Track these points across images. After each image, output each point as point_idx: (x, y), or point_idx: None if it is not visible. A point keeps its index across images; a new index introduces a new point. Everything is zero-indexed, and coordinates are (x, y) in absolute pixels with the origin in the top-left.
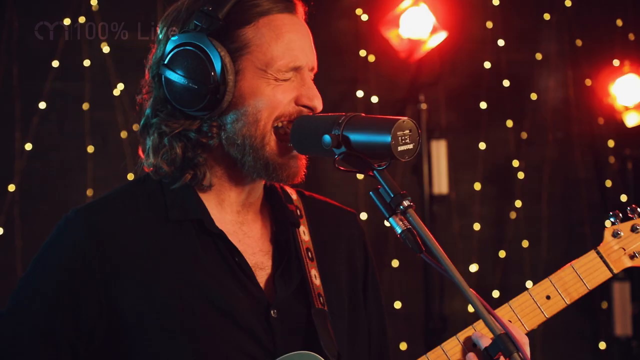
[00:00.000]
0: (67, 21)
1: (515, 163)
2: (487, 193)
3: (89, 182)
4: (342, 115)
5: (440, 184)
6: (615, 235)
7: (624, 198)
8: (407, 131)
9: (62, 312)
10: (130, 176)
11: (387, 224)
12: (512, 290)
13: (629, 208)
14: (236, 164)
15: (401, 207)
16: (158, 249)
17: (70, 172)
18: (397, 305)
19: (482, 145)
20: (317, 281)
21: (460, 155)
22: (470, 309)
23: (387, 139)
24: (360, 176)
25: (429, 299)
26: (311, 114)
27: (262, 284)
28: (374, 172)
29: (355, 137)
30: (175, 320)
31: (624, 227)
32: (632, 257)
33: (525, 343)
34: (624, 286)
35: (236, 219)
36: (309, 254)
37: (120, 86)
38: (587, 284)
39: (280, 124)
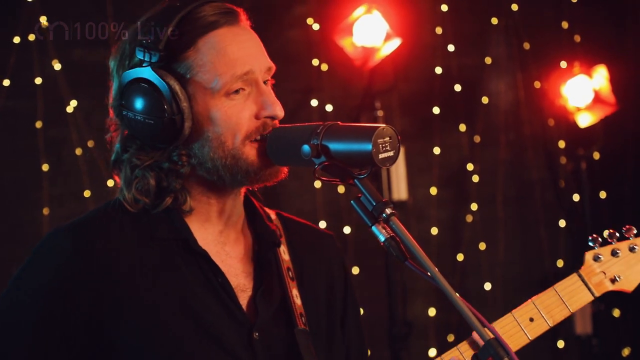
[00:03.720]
0: (16, 39)
1: (470, 166)
2: (443, 197)
3: (45, 200)
4: (320, 125)
5: (400, 190)
6: (596, 259)
7: (576, 197)
8: (388, 138)
9: (47, 335)
10: (87, 193)
11: (346, 230)
12: (471, 292)
13: (607, 233)
14: (214, 183)
15: (384, 215)
16: (143, 268)
17: (25, 191)
18: (360, 311)
19: (437, 150)
20: (298, 301)
21: (415, 161)
22: (431, 313)
23: (368, 147)
24: (318, 185)
25: (392, 305)
26: (275, 122)
27: (244, 306)
28: (355, 180)
29: (335, 146)
30: (160, 343)
31: (605, 251)
32: (613, 280)
33: None
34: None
35: (218, 239)
36: (290, 273)
37: (74, 103)
38: (569, 307)
39: (254, 139)
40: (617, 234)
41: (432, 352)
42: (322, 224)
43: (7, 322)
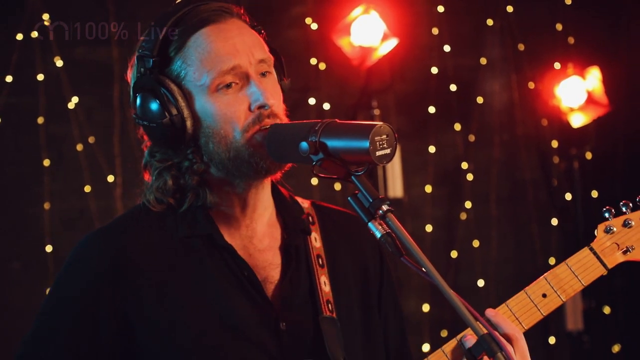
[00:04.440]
0: (19, 36)
1: (464, 165)
2: (438, 195)
3: (46, 195)
4: (318, 122)
5: (395, 187)
6: (608, 231)
7: (569, 196)
8: (385, 136)
9: (84, 335)
10: (87, 189)
11: None
12: (464, 289)
13: (622, 203)
14: (230, 180)
15: (380, 211)
16: (169, 267)
17: (27, 186)
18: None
19: (432, 149)
20: (326, 288)
21: (411, 159)
22: (425, 308)
23: (366, 144)
24: (314, 182)
25: None
26: (270, 111)
27: (271, 297)
28: (352, 177)
29: (332, 143)
30: (187, 338)
31: (616, 223)
32: (625, 251)
33: (521, 345)
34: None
35: (245, 233)
36: (320, 260)
37: (75, 99)
38: (582, 280)
39: (253, 133)
40: (631, 204)
41: (426, 347)
42: None
43: (49, 327)
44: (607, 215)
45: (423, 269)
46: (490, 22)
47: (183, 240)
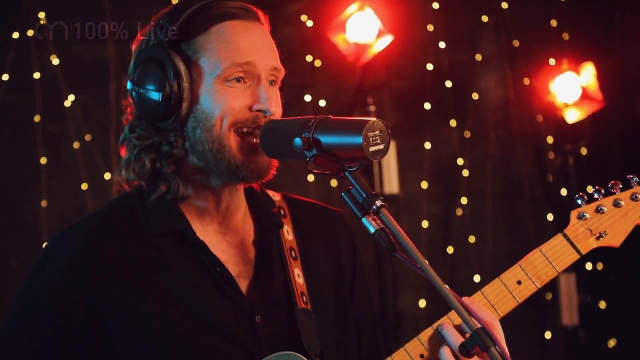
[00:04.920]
0: (15, 35)
1: (460, 161)
2: (434, 191)
3: (44, 193)
4: (312, 119)
5: (391, 184)
6: (581, 217)
7: (564, 192)
8: (378, 132)
9: (56, 337)
10: (84, 186)
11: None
12: (461, 285)
13: (594, 189)
14: (206, 173)
15: (374, 207)
16: (142, 265)
17: (24, 184)
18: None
19: (428, 145)
20: (300, 280)
21: (407, 156)
22: (422, 304)
23: (359, 140)
24: (311, 179)
25: (383, 297)
26: (269, 118)
27: (245, 292)
28: (346, 173)
29: (326, 139)
30: (163, 336)
31: (589, 209)
32: (599, 237)
33: (498, 331)
34: (570, 277)
35: (218, 230)
36: (293, 253)
37: (72, 97)
38: (556, 267)
39: (241, 131)
40: (603, 191)
41: None
42: None
43: (20, 325)
44: (579, 202)
45: (417, 264)
46: (485, 18)
47: (156, 237)
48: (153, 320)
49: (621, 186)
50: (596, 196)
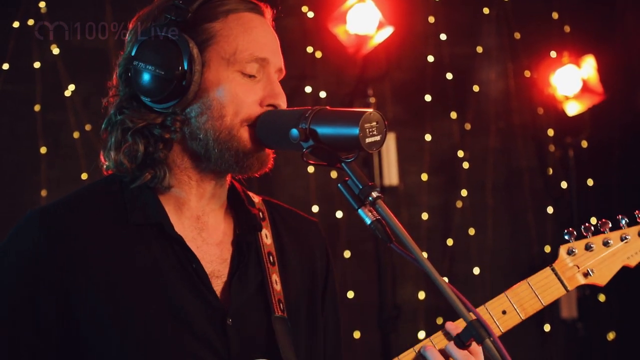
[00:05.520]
0: (16, 24)
1: (460, 153)
2: (433, 183)
3: (43, 183)
4: (308, 109)
5: (391, 175)
6: (570, 252)
7: (564, 185)
8: (374, 123)
9: (21, 316)
10: (84, 176)
11: (339, 215)
12: (460, 277)
13: (583, 227)
14: (200, 160)
15: (370, 198)
16: (117, 253)
17: (23, 173)
18: (350, 295)
19: (428, 137)
20: (277, 287)
21: (407, 147)
22: (421, 296)
23: (355, 131)
24: (311, 170)
25: (382, 289)
26: None
27: (218, 292)
28: (342, 164)
29: (322, 130)
30: (132, 328)
31: (579, 245)
32: (586, 275)
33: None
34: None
35: (195, 225)
36: (271, 258)
37: (71, 87)
38: (542, 300)
39: (251, 124)
40: (592, 228)
41: (422, 334)
42: (315, 209)
43: None
44: (567, 237)
45: (412, 255)
46: (486, 10)
47: (132, 226)
48: (123, 313)
49: (610, 226)
50: (585, 233)
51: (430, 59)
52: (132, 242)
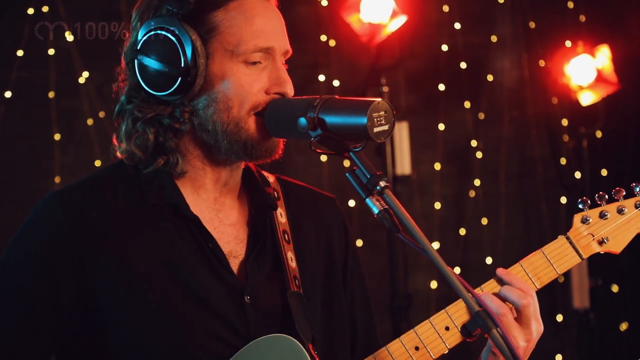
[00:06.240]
0: (30, 11)
1: (474, 143)
2: (446, 172)
3: (57, 169)
4: (316, 98)
5: (403, 164)
6: (585, 221)
7: (578, 175)
8: (383, 112)
9: (41, 295)
10: (98, 163)
11: (351, 203)
12: (472, 266)
13: (597, 195)
14: (211, 149)
15: (378, 187)
16: (134, 233)
17: (37, 160)
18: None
19: (441, 126)
20: (292, 264)
21: (420, 136)
22: (433, 285)
23: (363, 120)
24: (324, 158)
25: (393, 277)
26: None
27: (236, 271)
28: (350, 153)
29: (330, 119)
30: (150, 306)
31: (593, 214)
32: (601, 242)
33: (536, 300)
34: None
35: (213, 206)
36: (286, 236)
37: (85, 74)
38: (557, 269)
39: (258, 113)
40: (607, 197)
41: None
42: None
43: (3, 285)
44: (581, 206)
45: (420, 245)
46: None
47: (149, 207)
48: (141, 292)
49: (624, 193)
50: (598, 202)
51: (444, 48)
52: (149, 223)
